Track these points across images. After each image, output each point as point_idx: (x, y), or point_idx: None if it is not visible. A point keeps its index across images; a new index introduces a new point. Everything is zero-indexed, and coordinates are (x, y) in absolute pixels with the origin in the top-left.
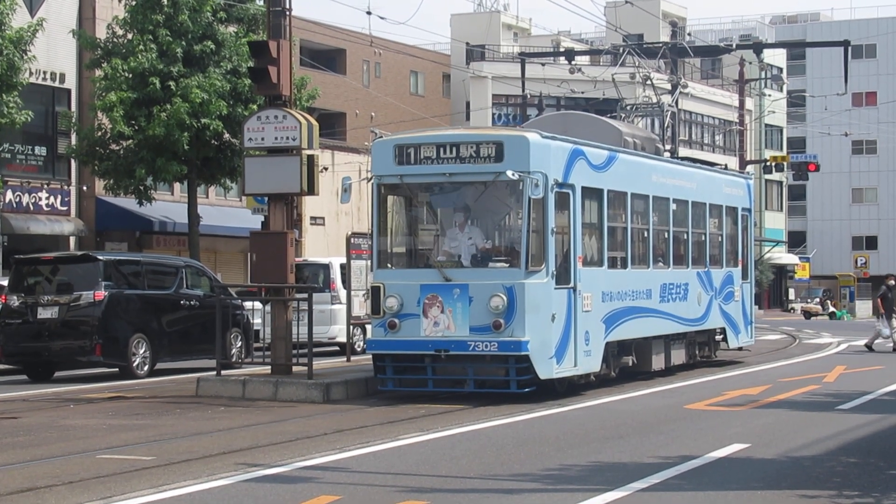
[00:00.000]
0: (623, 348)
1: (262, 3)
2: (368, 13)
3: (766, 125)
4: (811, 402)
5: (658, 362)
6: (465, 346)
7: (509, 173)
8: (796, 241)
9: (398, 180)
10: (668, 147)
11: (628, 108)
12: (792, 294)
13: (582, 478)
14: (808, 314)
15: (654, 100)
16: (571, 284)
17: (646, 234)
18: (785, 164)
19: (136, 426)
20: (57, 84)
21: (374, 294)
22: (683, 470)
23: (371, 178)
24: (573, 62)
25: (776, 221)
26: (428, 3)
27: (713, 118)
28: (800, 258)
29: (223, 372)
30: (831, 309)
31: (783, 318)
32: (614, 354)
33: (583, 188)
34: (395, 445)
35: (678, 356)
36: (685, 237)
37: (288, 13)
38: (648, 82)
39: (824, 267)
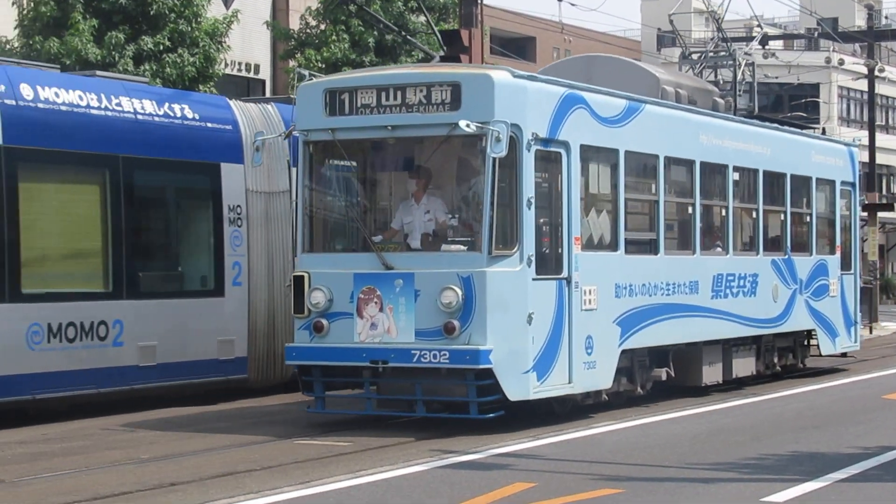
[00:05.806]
0: (655, 357)
1: None
2: (559, 0)
3: None
4: None
5: (712, 374)
6: (408, 357)
7: (462, 124)
8: None
9: (329, 136)
10: (743, 106)
11: (692, 57)
12: None
13: (779, 467)
14: None
15: (728, 47)
16: (563, 274)
17: (690, 211)
18: None
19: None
20: (252, 75)
21: (297, 286)
22: (884, 461)
23: (290, 134)
24: (766, 47)
25: None
26: None
27: None
28: None
29: None
30: None
31: None
32: (644, 366)
33: (583, 147)
34: (588, 434)
35: (745, 366)
36: (754, 216)
37: (479, 2)
38: (716, 24)
39: None
